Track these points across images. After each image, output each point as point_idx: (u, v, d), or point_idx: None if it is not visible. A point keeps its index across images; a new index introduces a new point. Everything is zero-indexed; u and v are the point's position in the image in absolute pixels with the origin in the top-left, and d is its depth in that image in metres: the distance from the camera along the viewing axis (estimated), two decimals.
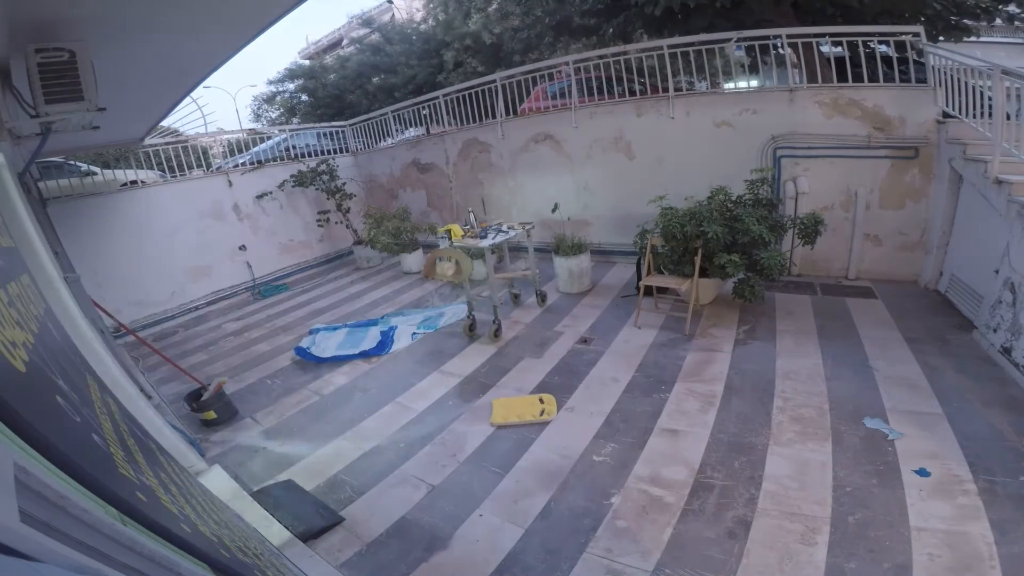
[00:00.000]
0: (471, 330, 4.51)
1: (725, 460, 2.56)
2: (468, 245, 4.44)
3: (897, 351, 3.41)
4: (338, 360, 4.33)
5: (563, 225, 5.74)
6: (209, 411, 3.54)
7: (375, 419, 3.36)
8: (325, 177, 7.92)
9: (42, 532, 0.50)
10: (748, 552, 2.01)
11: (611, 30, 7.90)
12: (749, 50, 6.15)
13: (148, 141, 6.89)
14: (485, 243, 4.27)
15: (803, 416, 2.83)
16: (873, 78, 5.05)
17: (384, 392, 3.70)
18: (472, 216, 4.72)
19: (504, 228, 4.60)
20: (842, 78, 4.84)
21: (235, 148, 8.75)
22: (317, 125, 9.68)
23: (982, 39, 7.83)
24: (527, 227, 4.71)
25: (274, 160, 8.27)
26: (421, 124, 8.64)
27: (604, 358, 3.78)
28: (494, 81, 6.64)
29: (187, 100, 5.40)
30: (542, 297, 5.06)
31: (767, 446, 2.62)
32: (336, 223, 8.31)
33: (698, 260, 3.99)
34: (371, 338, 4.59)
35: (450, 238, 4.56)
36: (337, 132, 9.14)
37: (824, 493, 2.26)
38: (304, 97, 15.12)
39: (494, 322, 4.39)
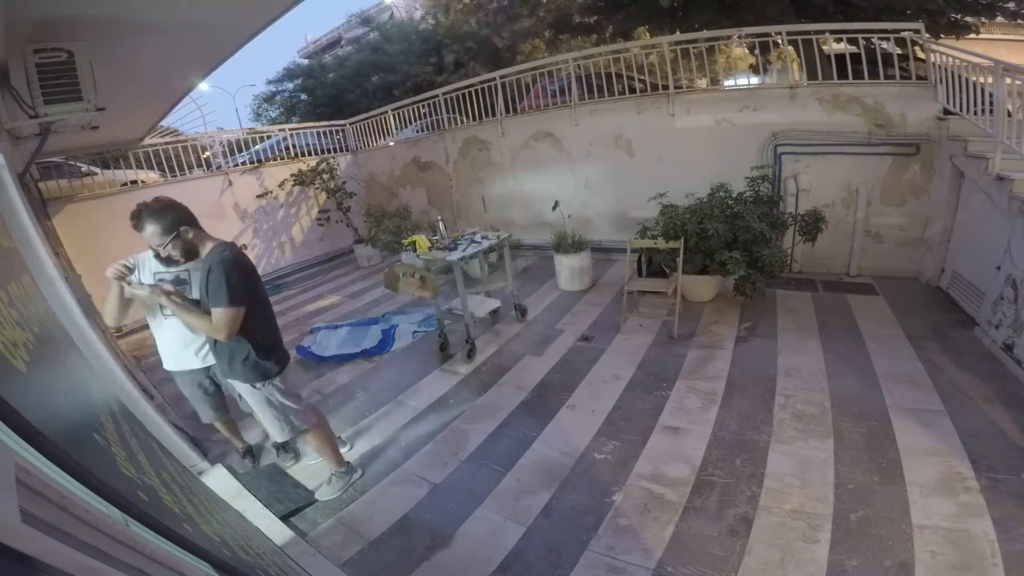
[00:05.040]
0: (443, 349, 4.15)
1: (727, 458, 2.56)
2: (435, 258, 3.87)
3: (899, 348, 3.41)
4: (339, 359, 4.32)
5: (563, 223, 5.73)
6: None
7: (376, 417, 3.36)
8: (325, 176, 7.91)
9: (43, 532, 0.50)
10: (750, 550, 2.01)
11: (611, 27, 7.89)
12: (750, 48, 6.13)
13: (148, 141, 6.89)
14: (454, 256, 3.73)
15: (804, 413, 2.83)
16: (874, 75, 5.04)
17: (385, 391, 3.70)
18: (441, 225, 4.23)
19: (478, 238, 4.08)
20: (843, 75, 4.82)
21: (235, 147, 8.74)
22: (317, 124, 9.66)
23: (983, 36, 7.81)
24: (501, 235, 4.18)
25: (274, 159, 8.26)
26: (421, 122, 8.63)
27: (605, 356, 3.78)
28: (494, 79, 6.63)
29: (186, 100, 5.40)
30: (522, 312, 4.61)
31: (769, 443, 2.62)
32: (336, 222, 8.30)
33: (680, 260, 3.96)
34: (372, 337, 4.59)
35: (415, 251, 4.06)
36: (337, 131, 9.12)
37: (826, 490, 2.26)
38: (303, 96, 15.12)
39: (467, 341, 3.94)
